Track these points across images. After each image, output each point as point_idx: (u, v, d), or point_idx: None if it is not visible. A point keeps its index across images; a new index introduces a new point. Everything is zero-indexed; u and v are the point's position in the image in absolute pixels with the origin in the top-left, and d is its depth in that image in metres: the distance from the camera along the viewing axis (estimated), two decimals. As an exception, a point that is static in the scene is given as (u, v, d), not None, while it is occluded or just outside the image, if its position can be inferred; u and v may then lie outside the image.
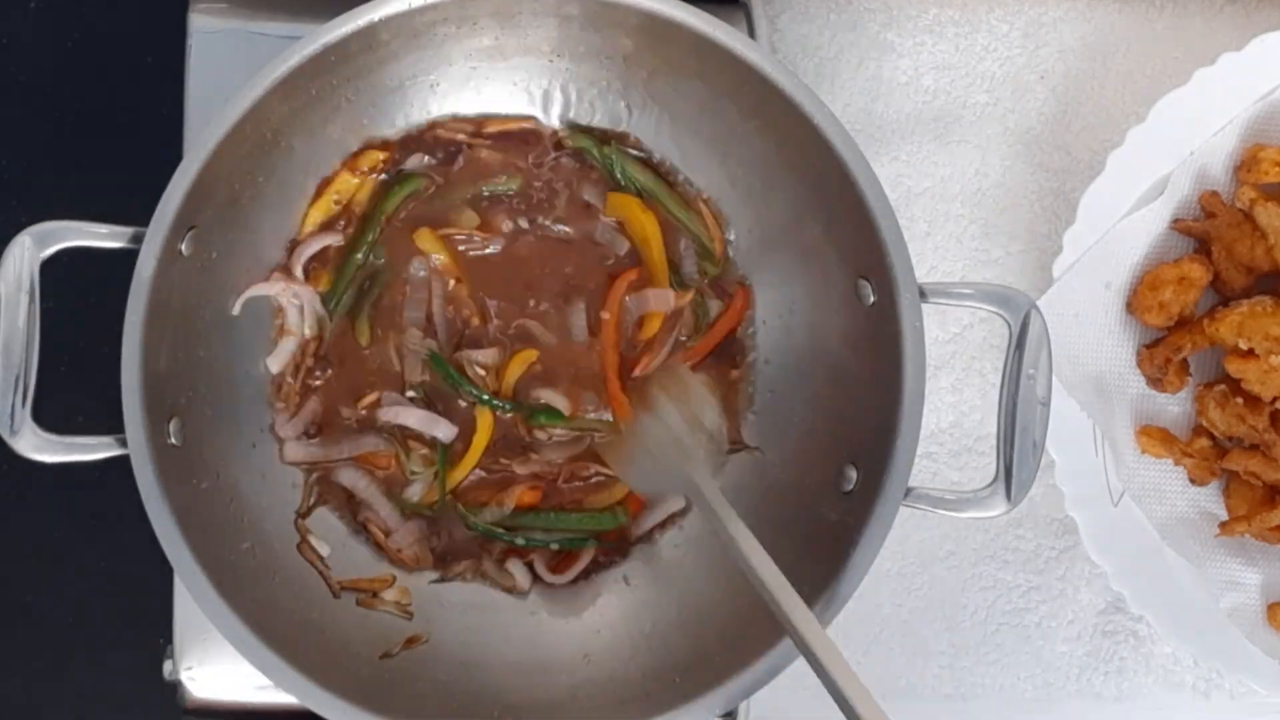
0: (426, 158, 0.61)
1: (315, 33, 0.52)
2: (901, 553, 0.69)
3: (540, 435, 0.62)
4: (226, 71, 0.59)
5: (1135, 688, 0.69)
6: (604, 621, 0.61)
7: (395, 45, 0.56)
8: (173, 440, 0.53)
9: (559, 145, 0.62)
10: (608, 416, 0.62)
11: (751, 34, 0.66)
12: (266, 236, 0.60)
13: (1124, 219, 0.64)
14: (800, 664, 0.51)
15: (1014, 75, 0.70)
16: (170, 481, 0.51)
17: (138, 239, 0.51)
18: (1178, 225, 0.64)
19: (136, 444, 0.50)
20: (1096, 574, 0.69)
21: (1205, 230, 0.64)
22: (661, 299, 0.62)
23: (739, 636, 0.54)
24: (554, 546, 0.62)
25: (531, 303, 0.62)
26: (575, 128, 0.62)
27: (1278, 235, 0.62)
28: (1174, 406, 0.66)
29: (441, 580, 0.61)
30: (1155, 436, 0.65)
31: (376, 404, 0.61)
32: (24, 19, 0.69)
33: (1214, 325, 0.62)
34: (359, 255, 0.61)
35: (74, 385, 0.55)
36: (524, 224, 0.62)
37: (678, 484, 0.58)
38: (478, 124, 0.62)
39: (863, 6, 0.70)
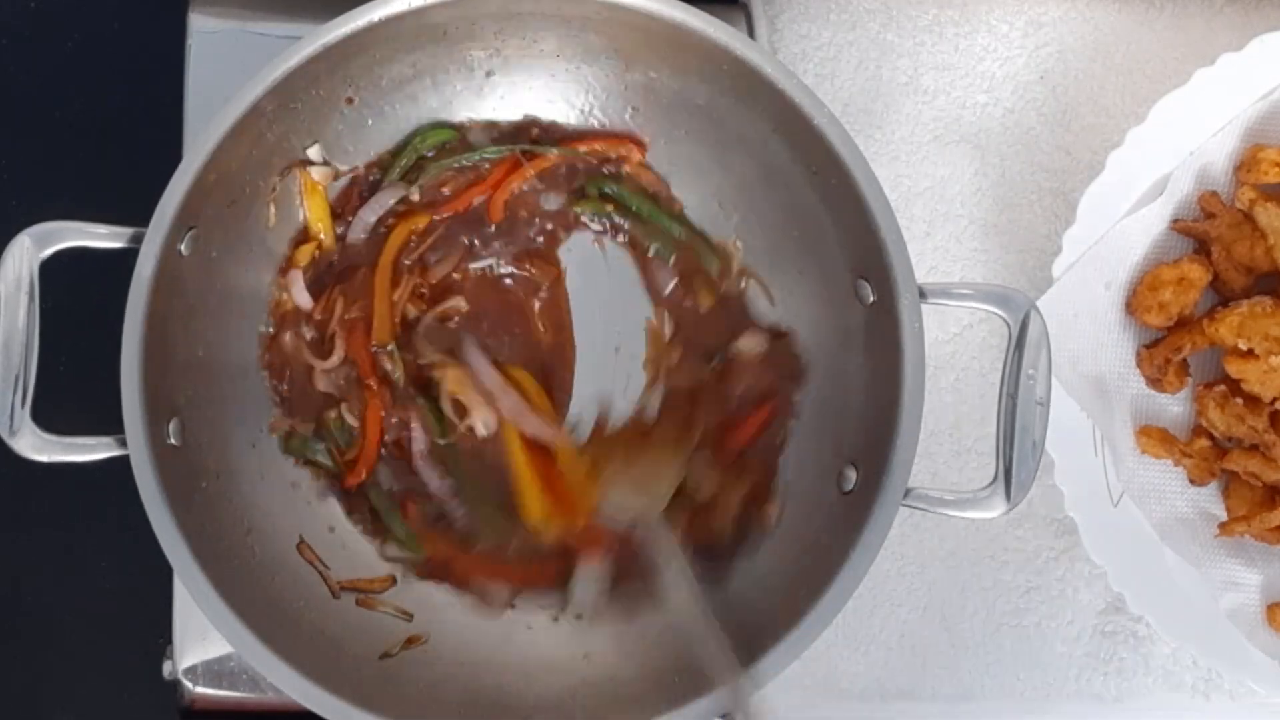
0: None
1: (315, 33, 0.52)
2: (901, 553, 0.69)
3: None
4: (226, 71, 0.59)
5: (1135, 688, 0.69)
6: (603, 621, 0.61)
7: (395, 45, 0.56)
8: (173, 440, 0.53)
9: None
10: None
11: (751, 34, 0.66)
12: (266, 237, 0.60)
13: (1124, 219, 0.64)
14: (799, 664, 0.51)
15: (1014, 75, 0.70)
16: (170, 481, 0.51)
17: (137, 239, 0.51)
18: (1177, 225, 0.64)
19: (136, 444, 0.50)
20: (1096, 574, 0.69)
21: (1205, 230, 0.64)
22: None
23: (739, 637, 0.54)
24: None
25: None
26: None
27: (1278, 235, 0.62)
28: (1174, 406, 0.66)
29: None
30: (1155, 437, 0.65)
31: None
32: (24, 19, 0.69)
33: (1214, 325, 0.62)
34: None
35: (74, 385, 0.55)
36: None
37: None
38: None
39: (863, 6, 0.70)
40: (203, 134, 0.51)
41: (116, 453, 0.50)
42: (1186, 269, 0.63)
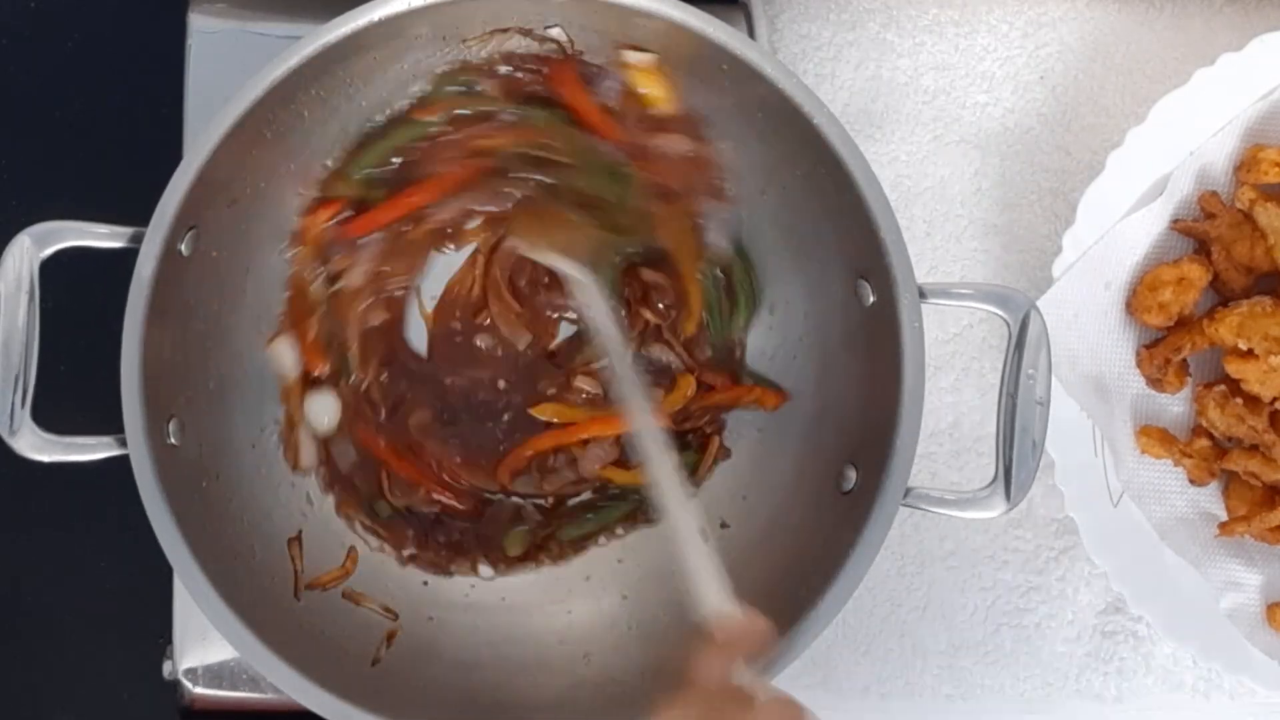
0: None
1: (315, 33, 0.52)
2: (901, 553, 0.69)
3: None
4: (226, 71, 0.59)
5: (1135, 688, 0.69)
6: (604, 621, 0.61)
7: (396, 45, 0.56)
8: (173, 440, 0.53)
9: None
10: None
11: (751, 34, 0.66)
12: (266, 237, 0.60)
13: (1124, 219, 0.64)
14: (798, 664, 0.51)
15: (1014, 75, 0.70)
16: (170, 481, 0.51)
17: (137, 239, 0.51)
18: (1177, 225, 0.64)
19: (136, 444, 0.50)
20: (1096, 574, 0.69)
21: (1205, 230, 0.64)
22: None
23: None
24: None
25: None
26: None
27: (1278, 235, 0.62)
28: (1174, 406, 0.66)
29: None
30: (1155, 436, 0.65)
31: None
32: (24, 19, 0.69)
33: (1213, 326, 0.62)
34: None
35: (74, 385, 0.55)
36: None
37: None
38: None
39: (863, 6, 0.70)
40: (203, 134, 0.51)
41: (116, 452, 0.50)
42: (1186, 269, 0.63)
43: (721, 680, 0.47)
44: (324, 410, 0.62)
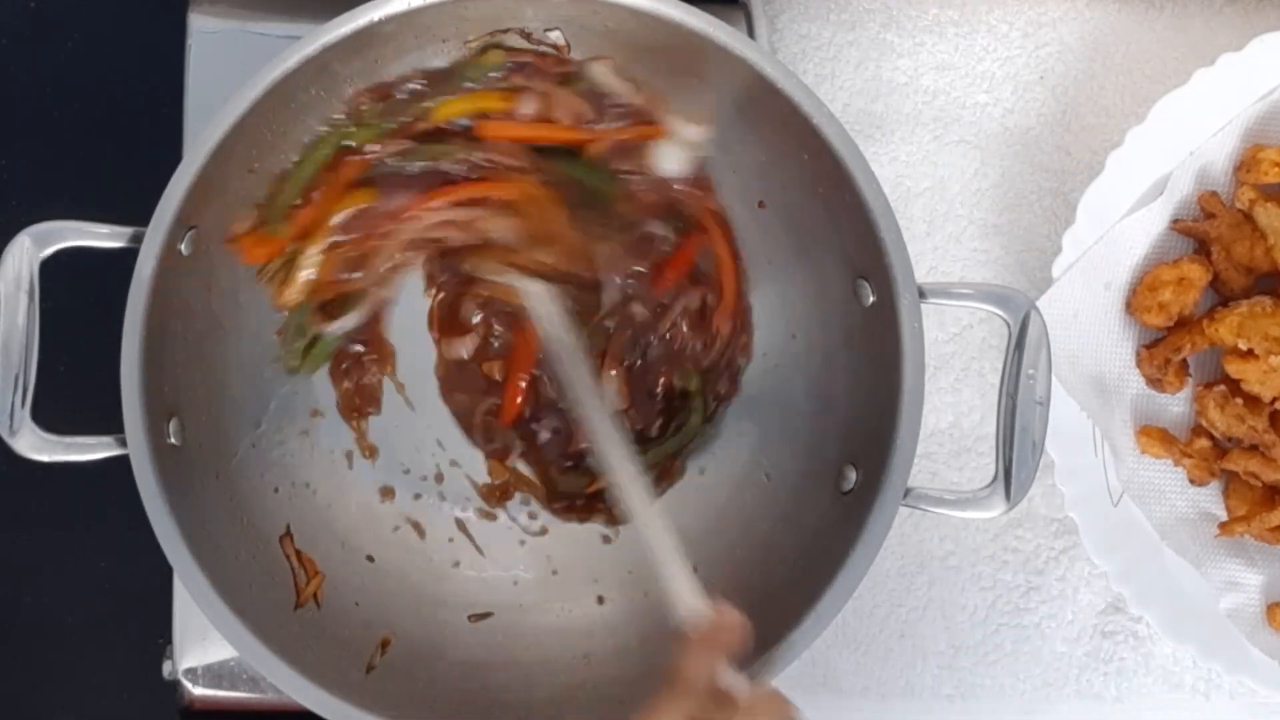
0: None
1: (315, 33, 0.52)
2: (901, 553, 0.69)
3: None
4: (226, 71, 0.59)
5: (1135, 688, 0.69)
6: (604, 622, 0.61)
7: (395, 46, 0.56)
8: (173, 440, 0.53)
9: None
10: None
11: (751, 34, 0.66)
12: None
13: (1124, 219, 0.64)
14: (798, 664, 0.51)
15: (1014, 75, 0.70)
16: (170, 481, 0.51)
17: (138, 239, 0.51)
18: (1177, 226, 0.64)
19: (136, 444, 0.50)
20: (1096, 574, 0.69)
21: (1205, 231, 0.64)
22: None
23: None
24: None
25: None
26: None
27: (1277, 235, 0.62)
28: (1174, 406, 0.66)
29: None
30: (1155, 436, 0.65)
31: None
32: (24, 19, 0.69)
33: (1213, 326, 0.62)
34: None
35: (74, 385, 0.55)
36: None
37: None
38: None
39: (863, 6, 0.70)
40: (203, 134, 0.51)
41: (116, 452, 0.51)
42: (1186, 269, 0.63)
43: (705, 680, 0.48)
44: None
